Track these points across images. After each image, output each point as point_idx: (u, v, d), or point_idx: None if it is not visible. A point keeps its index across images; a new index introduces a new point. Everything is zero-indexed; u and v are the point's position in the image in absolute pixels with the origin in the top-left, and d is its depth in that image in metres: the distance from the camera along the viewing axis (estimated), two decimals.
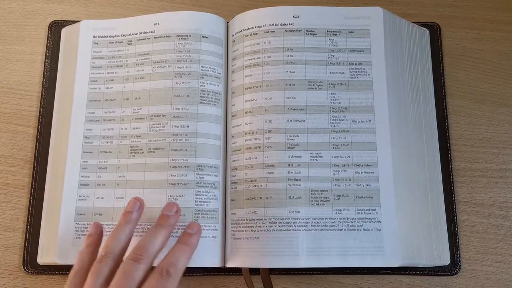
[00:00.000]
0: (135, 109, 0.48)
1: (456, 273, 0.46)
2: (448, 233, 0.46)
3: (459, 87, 0.52)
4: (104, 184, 0.46)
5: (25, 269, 0.46)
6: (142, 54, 0.49)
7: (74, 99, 0.48)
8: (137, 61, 0.49)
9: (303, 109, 0.46)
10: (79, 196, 0.46)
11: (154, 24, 0.50)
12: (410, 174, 0.46)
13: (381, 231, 0.43)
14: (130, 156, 0.47)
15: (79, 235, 0.45)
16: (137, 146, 0.47)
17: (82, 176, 0.46)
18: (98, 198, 0.46)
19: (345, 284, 0.46)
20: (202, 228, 0.44)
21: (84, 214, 0.45)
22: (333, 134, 0.46)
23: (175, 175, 0.45)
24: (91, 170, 0.46)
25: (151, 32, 0.50)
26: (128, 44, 0.50)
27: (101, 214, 0.45)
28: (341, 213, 0.44)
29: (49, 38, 0.53)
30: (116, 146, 0.47)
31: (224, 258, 0.44)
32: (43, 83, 0.52)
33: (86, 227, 0.45)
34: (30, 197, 0.48)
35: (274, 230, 0.43)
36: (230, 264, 0.44)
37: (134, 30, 0.50)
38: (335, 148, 0.45)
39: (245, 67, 0.48)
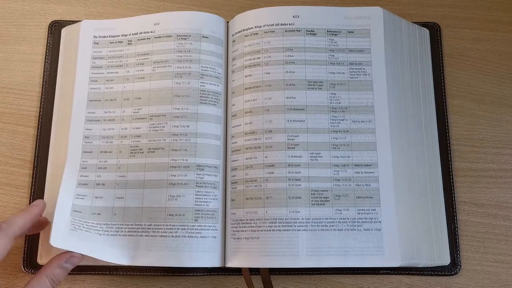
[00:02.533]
0: (135, 109, 0.48)
1: (456, 273, 0.46)
2: (448, 233, 0.46)
3: (459, 87, 0.52)
4: (103, 184, 0.46)
5: (25, 269, 0.46)
6: (142, 54, 0.49)
7: (74, 99, 0.48)
8: (137, 61, 0.49)
9: (303, 109, 0.46)
10: (77, 195, 0.45)
11: (154, 24, 0.50)
12: (410, 174, 0.46)
13: (381, 231, 0.43)
14: (130, 156, 0.47)
15: (75, 228, 0.43)
16: (137, 146, 0.47)
17: (81, 176, 0.46)
18: (97, 197, 0.46)
19: (345, 284, 0.46)
20: (201, 228, 0.44)
21: (80, 212, 0.45)
22: (333, 134, 0.46)
23: (175, 175, 0.45)
24: (91, 170, 0.46)
25: (151, 32, 0.50)
26: (128, 44, 0.50)
27: (99, 214, 0.45)
28: (341, 213, 0.44)
29: (49, 38, 0.53)
30: (116, 146, 0.47)
31: (224, 258, 0.44)
32: (43, 83, 0.52)
33: (82, 224, 0.44)
34: (30, 197, 0.48)
35: (274, 230, 0.43)
36: (230, 264, 0.44)
37: (134, 30, 0.50)
38: (335, 148, 0.45)
39: (245, 67, 0.48)
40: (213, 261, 0.44)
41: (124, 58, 0.50)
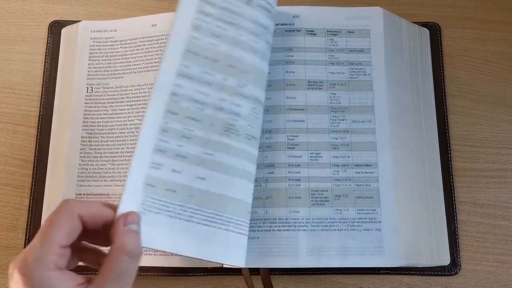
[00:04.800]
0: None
1: (456, 273, 0.46)
2: (448, 233, 0.46)
3: (459, 87, 0.52)
4: (185, 157, 0.39)
5: None
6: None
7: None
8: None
9: (303, 109, 0.46)
10: (152, 163, 0.38)
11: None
12: (410, 174, 0.46)
13: (381, 231, 0.43)
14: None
15: (145, 210, 0.37)
16: (233, 125, 0.42)
17: (160, 140, 0.39)
18: (175, 171, 0.39)
19: (345, 284, 0.46)
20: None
21: (154, 186, 0.38)
22: (333, 134, 0.46)
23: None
24: (172, 136, 0.39)
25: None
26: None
27: (174, 191, 0.38)
28: (341, 213, 0.44)
29: (49, 38, 0.53)
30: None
31: None
32: (43, 83, 0.52)
33: (154, 204, 0.37)
34: (30, 197, 0.48)
35: (274, 230, 0.43)
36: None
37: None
38: (335, 148, 0.45)
39: None
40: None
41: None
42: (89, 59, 0.50)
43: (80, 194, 0.46)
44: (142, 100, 0.48)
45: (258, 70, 0.42)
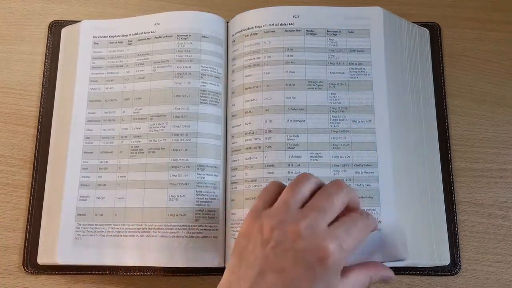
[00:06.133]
0: (136, 109, 0.48)
1: (456, 273, 0.46)
2: (448, 233, 0.46)
3: (459, 87, 0.52)
4: (104, 185, 0.46)
5: (25, 269, 0.46)
6: (142, 54, 0.49)
7: (75, 100, 0.48)
8: (138, 61, 0.49)
9: (303, 109, 0.46)
10: (80, 197, 0.46)
11: (155, 24, 0.50)
12: (410, 174, 0.46)
13: (381, 231, 0.43)
14: (130, 156, 0.47)
15: (80, 235, 0.45)
16: (138, 146, 0.47)
17: (82, 177, 0.46)
18: (99, 198, 0.46)
19: None
20: (202, 228, 0.44)
21: (84, 215, 0.45)
22: (333, 134, 0.46)
23: (175, 175, 0.45)
24: (92, 171, 0.46)
25: (151, 32, 0.50)
26: (128, 44, 0.50)
27: (101, 215, 0.45)
28: None
29: (49, 38, 0.53)
30: (116, 146, 0.47)
31: (224, 258, 0.44)
32: (43, 83, 0.52)
33: (87, 228, 0.45)
34: (30, 197, 0.48)
35: None
36: None
37: (134, 30, 0.50)
38: (335, 148, 0.45)
39: (245, 67, 0.48)
40: (213, 261, 0.44)
41: (124, 58, 0.50)
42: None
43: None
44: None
45: (147, 91, 0.48)
